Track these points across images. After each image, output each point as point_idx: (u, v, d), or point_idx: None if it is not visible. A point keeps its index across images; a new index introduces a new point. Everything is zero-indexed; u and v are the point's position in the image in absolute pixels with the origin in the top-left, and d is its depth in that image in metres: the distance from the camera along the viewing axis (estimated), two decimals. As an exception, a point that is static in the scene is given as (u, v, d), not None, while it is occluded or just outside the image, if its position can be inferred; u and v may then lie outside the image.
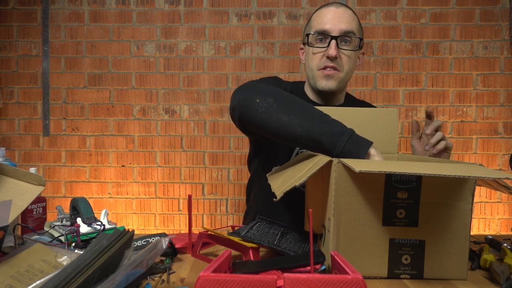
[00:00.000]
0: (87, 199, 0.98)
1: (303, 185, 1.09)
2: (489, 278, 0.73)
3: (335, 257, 0.64)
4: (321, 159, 0.74)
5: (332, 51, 1.04)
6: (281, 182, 0.79)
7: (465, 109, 2.20)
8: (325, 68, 1.07)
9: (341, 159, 0.70)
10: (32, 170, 0.99)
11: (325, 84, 1.09)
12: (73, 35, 2.22)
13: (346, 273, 0.55)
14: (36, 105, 2.24)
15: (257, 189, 1.25)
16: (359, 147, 0.78)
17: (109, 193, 2.25)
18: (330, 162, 0.71)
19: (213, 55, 2.22)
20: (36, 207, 1.01)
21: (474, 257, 0.80)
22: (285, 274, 0.54)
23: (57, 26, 2.22)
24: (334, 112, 0.99)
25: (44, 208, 1.04)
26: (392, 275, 0.72)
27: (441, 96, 2.20)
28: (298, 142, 0.84)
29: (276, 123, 0.84)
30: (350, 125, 0.97)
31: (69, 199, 1.03)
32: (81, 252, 0.57)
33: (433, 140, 1.01)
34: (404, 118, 2.19)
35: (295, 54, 2.20)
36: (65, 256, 0.64)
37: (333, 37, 1.05)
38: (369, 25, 2.19)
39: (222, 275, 0.54)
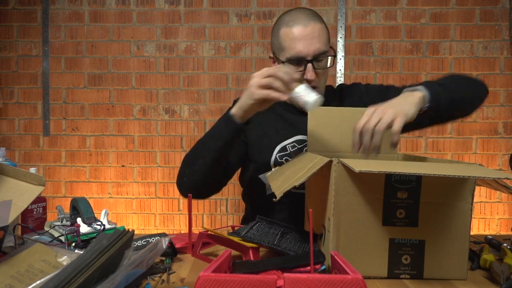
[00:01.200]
0: (87, 199, 0.98)
1: (301, 187, 1.11)
2: (489, 278, 0.73)
3: (335, 257, 0.64)
4: (321, 159, 0.74)
5: (310, 74, 1.03)
6: (280, 182, 0.79)
7: (465, 109, 2.20)
8: None
9: (341, 159, 0.70)
10: (32, 170, 0.99)
11: None
12: (73, 35, 2.22)
13: (346, 273, 0.55)
14: (36, 105, 2.24)
15: (248, 203, 1.29)
16: (226, 119, 0.95)
17: (109, 193, 2.25)
18: (330, 162, 0.71)
19: (213, 55, 2.22)
20: (36, 207, 1.01)
21: (474, 257, 0.80)
22: (285, 274, 0.54)
23: (57, 26, 2.22)
24: (333, 112, 0.99)
25: (44, 208, 1.04)
26: (392, 275, 0.72)
27: (441, 96, 2.20)
28: (217, 162, 1.01)
29: (199, 174, 1.02)
30: (350, 125, 0.98)
31: (69, 199, 1.03)
32: (81, 252, 0.57)
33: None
34: (404, 118, 2.19)
35: (295, 54, 2.20)
36: (65, 256, 0.64)
37: (308, 61, 1.03)
38: (369, 25, 2.19)
39: (222, 275, 0.54)
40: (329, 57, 1.08)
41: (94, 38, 2.22)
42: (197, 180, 1.03)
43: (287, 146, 1.14)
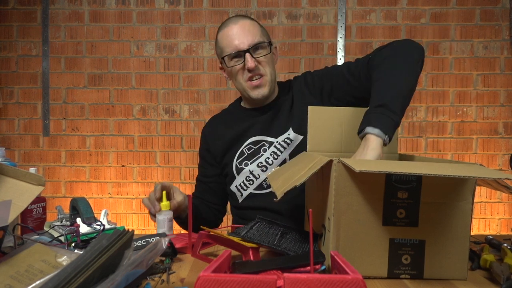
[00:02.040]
0: (87, 199, 0.98)
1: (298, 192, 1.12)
2: (489, 278, 0.73)
3: (335, 257, 0.64)
4: (321, 159, 0.74)
5: (250, 63, 1.08)
6: (281, 182, 0.79)
7: (465, 109, 2.20)
8: (250, 79, 1.12)
9: (341, 159, 0.70)
10: (32, 170, 0.99)
11: (257, 93, 1.13)
12: (73, 35, 2.22)
13: (346, 273, 0.55)
14: (36, 105, 2.24)
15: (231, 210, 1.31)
16: None
17: (109, 193, 2.25)
18: (330, 162, 0.71)
19: (213, 55, 2.21)
20: (36, 207, 1.01)
21: (474, 257, 0.79)
22: (285, 274, 0.54)
23: (57, 26, 2.22)
24: (332, 112, 0.99)
25: (44, 208, 1.04)
26: (392, 275, 0.72)
27: (441, 96, 2.20)
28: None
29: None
30: (350, 125, 0.97)
31: (69, 199, 1.04)
32: (81, 252, 0.57)
33: None
34: (404, 118, 2.19)
35: (295, 54, 2.20)
36: (65, 256, 0.64)
37: (245, 51, 1.09)
38: (369, 25, 2.19)
39: (222, 275, 0.54)
40: (265, 45, 1.12)
41: (94, 38, 2.22)
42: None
43: (243, 150, 1.18)
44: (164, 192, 1.00)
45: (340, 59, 2.17)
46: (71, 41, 2.22)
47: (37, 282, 0.56)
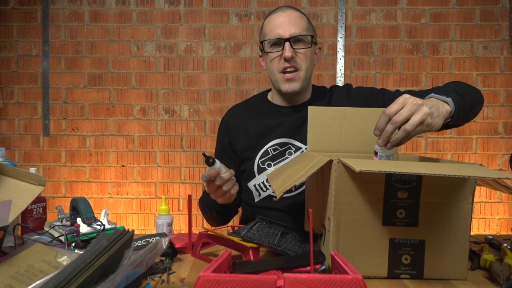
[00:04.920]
0: (87, 199, 0.98)
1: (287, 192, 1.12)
2: (489, 278, 0.73)
3: (335, 257, 0.64)
4: (321, 159, 0.74)
5: (287, 52, 1.07)
6: (281, 182, 0.79)
7: (465, 109, 2.20)
8: (284, 70, 1.10)
9: (341, 159, 0.70)
10: (32, 170, 0.99)
11: (288, 87, 1.11)
12: (73, 35, 2.22)
13: (346, 273, 0.55)
14: (36, 105, 2.24)
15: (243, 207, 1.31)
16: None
17: (109, 193, 2.25)
18: (330, 162, 0.71)
19: (213, 55, 2.22)
20: (36, 207, 1.01)
21: (474, 257, 0.80)
22: (285, 274, 0.54)
23: (57, 26, 2.22)
24: (334, 112, 0.99)
25: (44, 208, 1.04)
26: (392, 275, 0.72)
27: (441, 96, 2.19)
28: (223, 214, 1.17)
29: (216, 220, 1.20)
30: (351, 125, 0.98)
31: (69, 199, 1.04)
32: (81, 252, 0.57)
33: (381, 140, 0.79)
34: (404, 118, 2.19)
35: (295, 54, 2.20)
36: (65, 256, 0.64)
37: (286, 40, 1.08)
38: (369, 25, 2.19)
39: (222, 275, 0.54)
40: (308, 39, 1.11)
41: (94, 38, 2.22)
42: (217, 222, 1.22)
43: (268, 149, 1.15)
44: (163, 197, 1.02)
45: (340, 59, 2.17)
46: (71, 41, 2.22)
47: (37, 282, 0.56)
